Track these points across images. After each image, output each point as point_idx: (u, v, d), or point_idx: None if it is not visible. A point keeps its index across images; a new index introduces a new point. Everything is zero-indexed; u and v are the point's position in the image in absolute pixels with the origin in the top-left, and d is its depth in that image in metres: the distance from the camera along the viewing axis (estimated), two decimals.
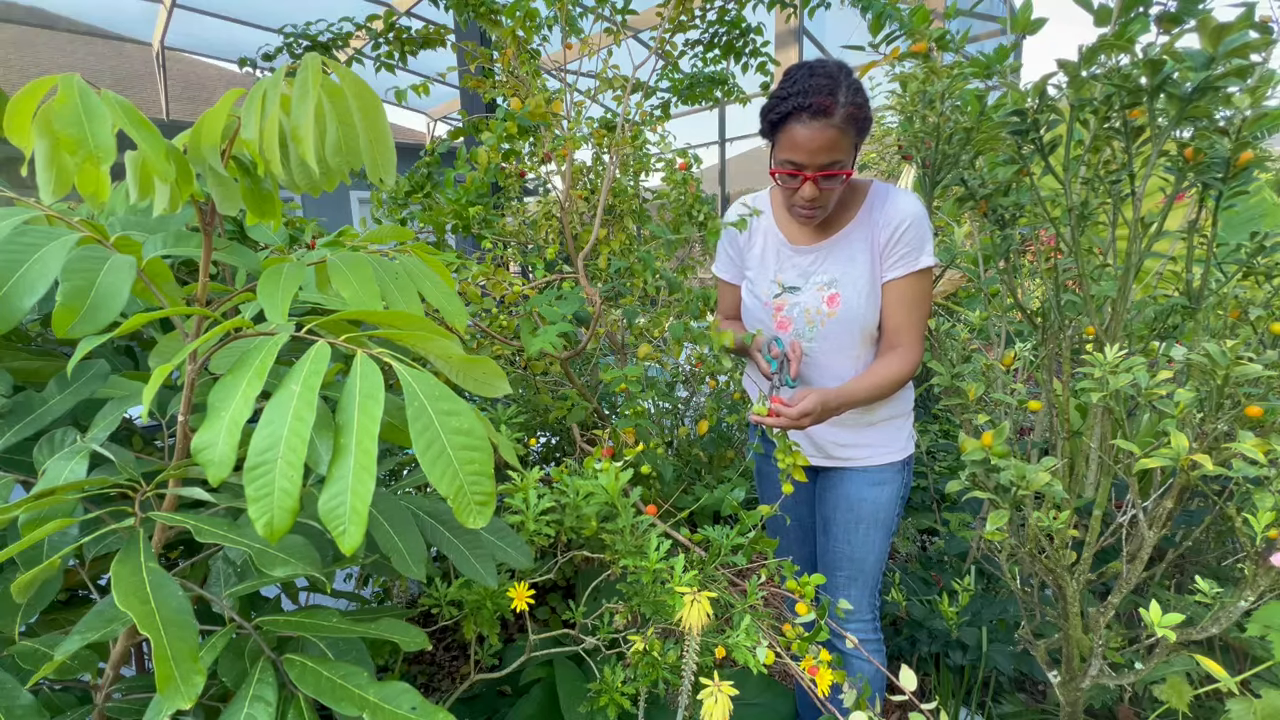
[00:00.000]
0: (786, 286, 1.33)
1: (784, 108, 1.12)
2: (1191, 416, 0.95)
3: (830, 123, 1.10)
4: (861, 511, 1.35)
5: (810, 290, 1.30)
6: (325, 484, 0.55)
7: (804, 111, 1.10)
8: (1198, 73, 0.87)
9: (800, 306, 1.31)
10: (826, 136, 1.10)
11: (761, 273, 1.37)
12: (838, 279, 1.28)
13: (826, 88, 1.09)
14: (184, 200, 0.59)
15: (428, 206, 1.77)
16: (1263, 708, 0.84)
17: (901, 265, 1.23)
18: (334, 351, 0.57)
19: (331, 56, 2.16)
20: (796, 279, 1.32)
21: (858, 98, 1.11)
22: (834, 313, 1.28)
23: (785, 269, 1.34)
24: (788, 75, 1.16)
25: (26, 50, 9.53)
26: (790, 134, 1.13)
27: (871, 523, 1.34)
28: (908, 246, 1.22)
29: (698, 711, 0.86)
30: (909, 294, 1.24)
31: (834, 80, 1.10)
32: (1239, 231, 1.97)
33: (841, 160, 1.14)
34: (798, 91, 1.10)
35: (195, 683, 0.52)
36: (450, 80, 2.24)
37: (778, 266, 1.35)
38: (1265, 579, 0.90)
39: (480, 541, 0.92)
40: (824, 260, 1.29)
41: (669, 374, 2.15)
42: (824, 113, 1.09)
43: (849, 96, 1.10)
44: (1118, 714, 1.37)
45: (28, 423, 0.81)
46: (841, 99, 1.09)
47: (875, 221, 1.25)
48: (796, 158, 1.14)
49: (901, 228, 1.22)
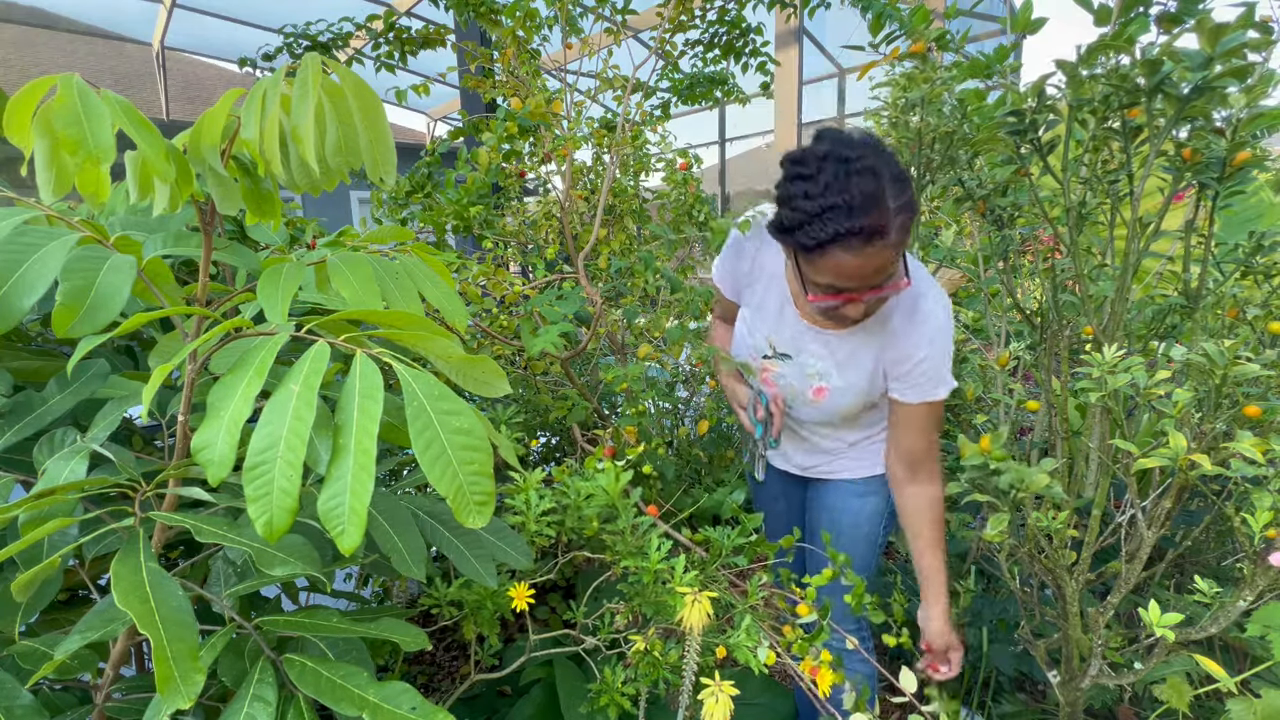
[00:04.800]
0: (778, 351, 1.20)
1: (822, 233, 0.86)
2: (1190, 416, 0.95)
3: (885, 242, 0.86)
4: (842, 522, 1.32)
5: (800, 371, 1.18)
6: (324, 484, 0.55)
7: (853, 238, 0.85)
8: (1195, 73, 0.87)
9: (787, 379, 1.20)
10: (881, 259, 0.88)
11: (758, 319, 1.21)
12: (830, 375, 1.15)
13: (872, 197, 0.84)
14: (184, 200, 0.59)
15: (428, 206, 1.77)
16: (1263, 708, 0.84)
17: (915, 393, 1.09)
18: (334, 351, 0.58)
19: (331, 56, 2.16)
20: (791, 346, 1.18)
21: (904, 188, 0.88)
22: (819, 402, 1.18)
23: (783, 329, 1.18)
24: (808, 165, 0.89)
25: (26, 50, 9.53)
26: (833, 261, 0.89)
27: (852, 534, 1.31)
28: (924, 378, 1.07)
29: (698, 712, 0.86)
30: (927, 419, 1.10)
31: (876, 179, 0.85)
32: (1238, 231, 1.97)
33: (896, 270, 0.94)
34: (837, 207, 0.85)
35: (195, 682, 0.52)
36: (450, 80, 2.24)
37: (777, 322, 1.18)
38: (1264, 578, 0.90)
39: (480, 541, 0.92)
40: (823, 348, 1.15)
41: (669, 374, 2.15)
42: (879, 235, 0.85)
43: (898, 195, 0.86)
44: (1118, 714, 1.37)
45: (28, 422, 0.81)
46: (891, 205, 0.86)
47: (893, 334, 1.07)
48: (843, 284, 0.93)
49: (919, 359, 1.05)
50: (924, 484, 1.14)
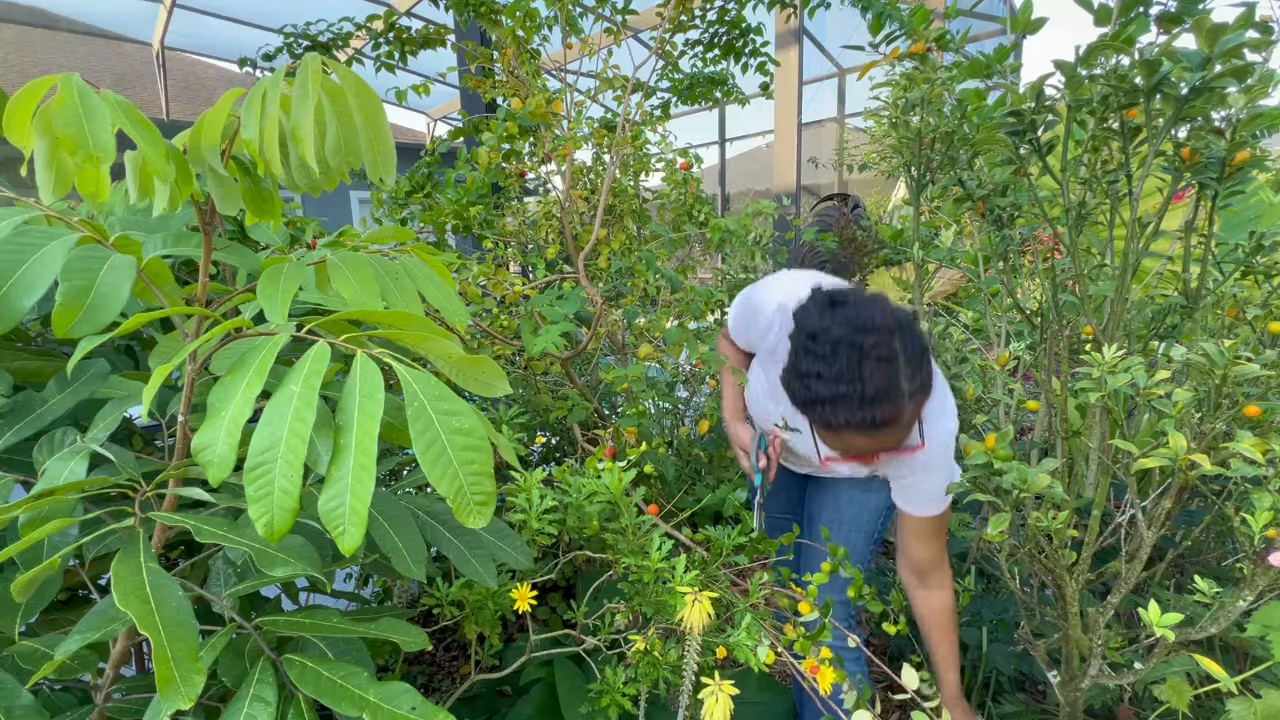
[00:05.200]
0: (790, 426, 1.21)
1: (834, 419, 0.86)
2: (1190, 416, 0.95)
3: (897, 427, 0.87)
4: (846, 512, 1.33)
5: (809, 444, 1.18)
6: (325, 484, 0.55)
7: (865, 425, 0.86)
8: (1193, 73, 0.87)
9: (797, 444, 1.24)
10: (893, 439, 0.89)
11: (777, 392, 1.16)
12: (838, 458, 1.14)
13: (886, 387, 0.83)
14: (184, 200, 0.59)
15: (428, 206, 1.77)
16: (1263, 708, 0.84)
17: (913, 507, 1.12)
18: (334, 351, 0.58)
19: (331, 56, 2.16)
20: (802, 423, 1.17)
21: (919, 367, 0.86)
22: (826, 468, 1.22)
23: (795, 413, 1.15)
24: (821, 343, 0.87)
25: (26, 50, 9.53)
26: (846, 440, 0.91)
27: (854, 524, 1.32)
28: (920, 496, 1.10)
29: (698, 711, 0.86)
30: (928, 529, 1.12)
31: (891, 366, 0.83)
32: (1238, 231, 1.97)
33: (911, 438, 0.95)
34: (849, 396, 0.84)
35: (195, 683, 0.52)
36: (450, 80, 2.24)
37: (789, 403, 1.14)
38: (1264, 578, 0.90)
39: (480, 542, 0.92)
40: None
41: (669, 374, 2.15)
42: (890, 423, 0.86)
43: (913, 377, 0.85)
44: (1118, 714, 1.37)
45: (28, 423, 0.81)
46: (905, 389, 0.84)
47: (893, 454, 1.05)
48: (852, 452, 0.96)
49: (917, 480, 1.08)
50: (934, 589, 1.16)
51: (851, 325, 0.86)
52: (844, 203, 4.72)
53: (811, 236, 2.52)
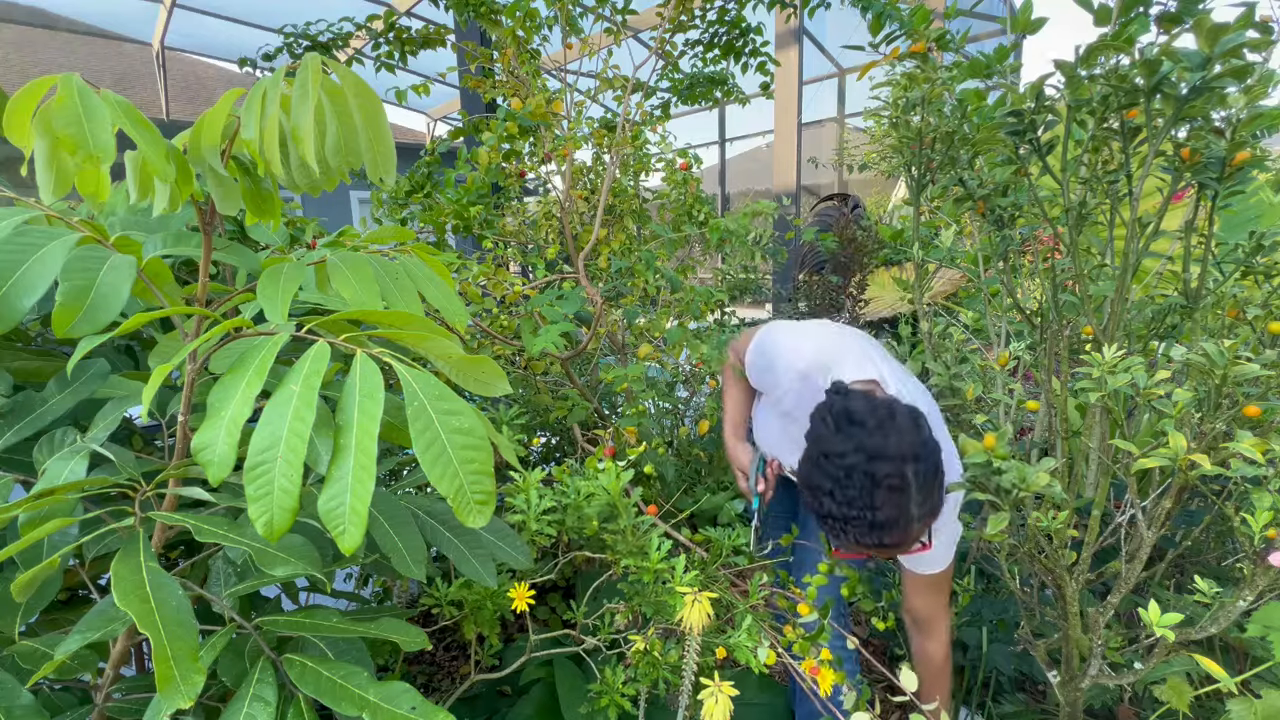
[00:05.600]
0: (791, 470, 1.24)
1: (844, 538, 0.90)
2: (1190, 416, 0.95)
3: (905, 544, 0.90)
4: None
5: None
6: (325, 484, 0.55)
7: (872, 546, 0.89)
8: (1193, 73, 0.87)
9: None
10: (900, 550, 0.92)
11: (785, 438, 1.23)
12: None
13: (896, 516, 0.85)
14: (184, 200, 0.59)
15: (428, 206, 1.77)
16: (1263, 708, 0.85)
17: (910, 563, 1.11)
18: (334, 351, 0.58)
19: (331, 56, 2.16)
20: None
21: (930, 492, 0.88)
22: None
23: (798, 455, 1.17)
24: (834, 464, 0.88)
25: (26, 50, 9.53)
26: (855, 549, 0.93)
27: None
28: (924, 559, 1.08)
29: (698, 712, 0.86)
30: (931, 584, 1.12)
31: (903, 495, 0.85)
32: (1238, 231, 1.97)
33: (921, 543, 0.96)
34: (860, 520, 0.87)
35: (195, 682, 0.52)
36: (450, 80, 2.24)
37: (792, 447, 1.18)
38: (1264, 578, 0.90)
39: (480, 541, 0.92)
40: None
41: (669, 374, 2.15)
42: (896, 545, 0.89)
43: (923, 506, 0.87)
44: (1118, 714, 1.37)
45: (28, 422, 0.81)
46: (914, 513, 0.86)
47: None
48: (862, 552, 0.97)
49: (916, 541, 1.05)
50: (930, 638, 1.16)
51: (866, 453, 0.87)
52: (844, 203, 4.73)
53: (811, 236, 2.52)
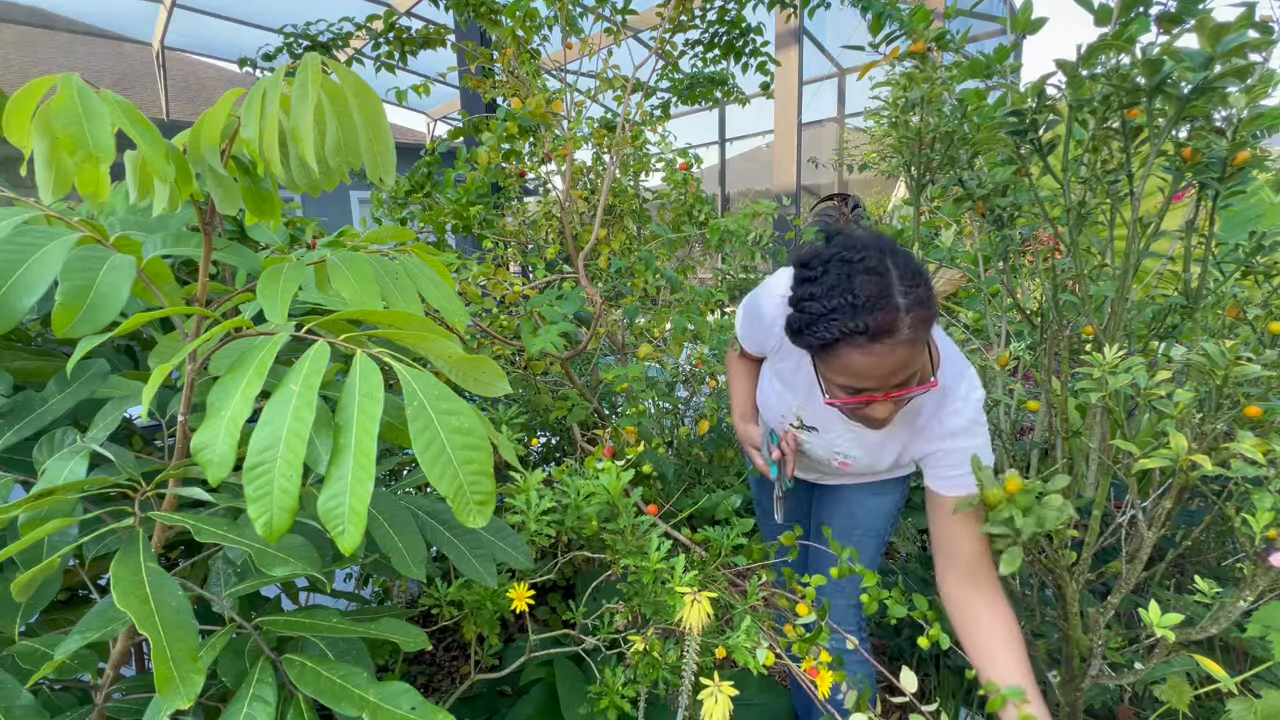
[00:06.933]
0: (806, 425, 1.19)
1: (828, 333, 0.85)
2: (1190, 417, 0.95)
3: (896, 340, 0.83)
4: (859, 518, 1.32)
5: (827, 446, 1.19)
6: (324, 484, 0.55)
7: (859, 336, 0.83)
8: (1196, 73, 0.87)
9: (813, 447, 1.21)
10: (895, 358, 0.84)
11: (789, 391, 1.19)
12: (858, 458, 1.16)
13: (878, 295, 0.82)
14: (184, 200, 0.59)
15: (428, 206, 1.77)
16: (1263, 708, 0.84)
17: (951, 486, 1.01)
18: (333, 351, 0.57)
19: (331, 56, 2.16)
20: (820, 422, 1.16)
21: (916, 288, 0.84)
22: (843, 470, 1.21)
23: (813, 405, 1.14)
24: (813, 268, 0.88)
25: (26, 50, 9.53)
26: (844, 361, 0.87)
27: (866, 530, 1.31)
28: (956, 471, 1.00)
29: (697, 712, 0.86)
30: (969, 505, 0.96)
31: (883, 278, 0.83)
32: (1238, 231, 1.97)
33: (920, 369, 0.89)
34: (842, 307, 0.83)
35: (194, 683, 0.52)
36: (450, 80, 2.24)
37: (808, 399, 1.15)
38: (1264, 579, 0.90)
39: (480, 541, 0.92)
40: (850, 433, 1.13)
41: (669, 374, 2.15)
42: (887, 333, 0.82)
43: (909, 295, 0.83)
44: (1118, 714, 1.37)
45: (28, 422, 0.81)
46: (901, 302, 0.82)
47: (921, 430, 1.04)
48: (859, 384, 0.89)
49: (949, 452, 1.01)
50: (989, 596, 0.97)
51: (840, 245, 0.87)
52: (844, 203, 4.72)
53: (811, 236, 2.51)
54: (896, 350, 0.84)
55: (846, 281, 0.83)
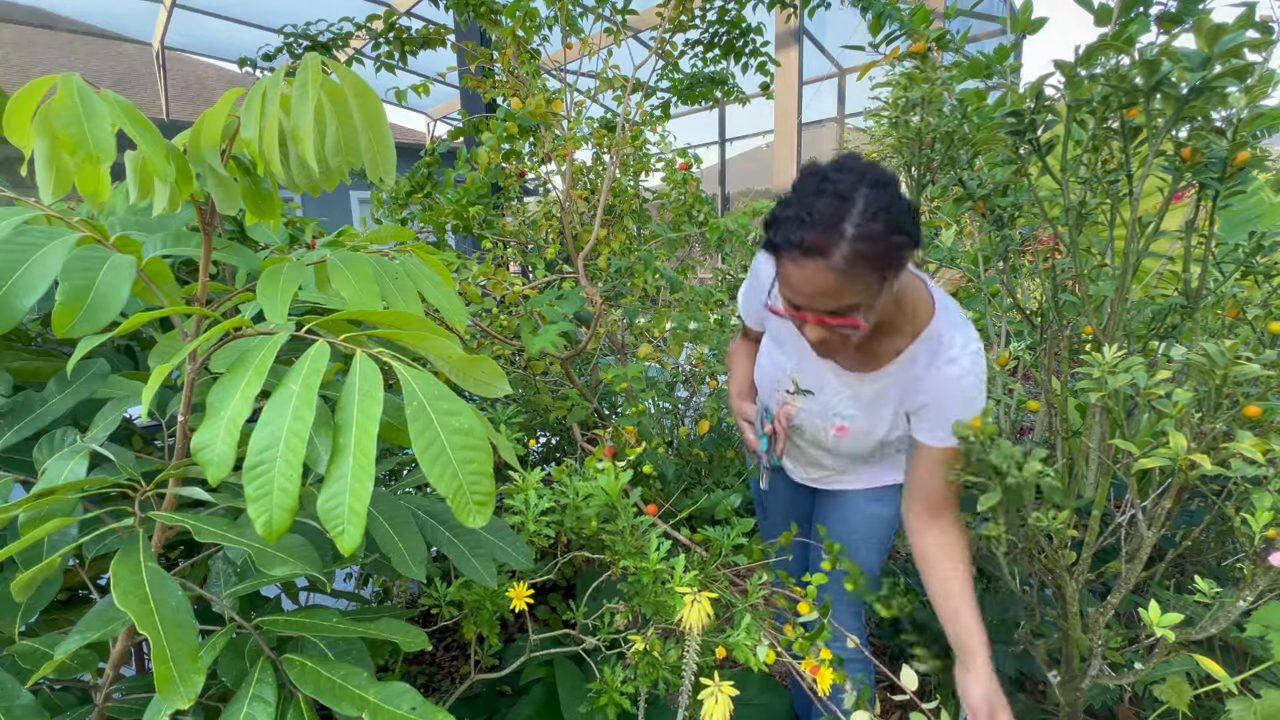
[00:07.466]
0: (801, 389, 1.17)
1: (775, 238, 0.87)
2: (1190, 416, 0.95)
3: (827, 264, 0.84)
4: (855, 525, 1.30)
5: (823, 409, 1.16)
6: (324, 484, 0.55)
7: (794, 249, 0.85)
8: (1194, 73, 0.87)
9: (809, 415, 1.18)
10: (824, 281, 0.86)
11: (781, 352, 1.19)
12: (854, 417, 1.13)
13: (828, 217, 0.83)
14: (184, 200, 0.59)
15: (428, 206, 1.78)
16: (1263, 708, 0.85)
17: (936, 438, 1.03)
18: (333, 351, 0.58)
19: (331, 56, 2.16)
20: (814, 383, 1.15)
21: (875, 226, 0.83)
22: (841, 439, 1.17)
23: (806, 365, 1.14)
24: (797, 180, 0.91)
25: (26, 50, 9.53)
26: (784, 268, 0.89)
27: (864, 538, 1.29)
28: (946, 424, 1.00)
29: (698, 712, 0.86)
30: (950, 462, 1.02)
31: (843, 204, 0.83)
32: (1238, 231, 1.97)
33: (853, 306, 0.89)
34: (792, 218, 0.85)
35: (194, 683, 0.52)
36: (450, 80, 2.24)
37: (799, 358, 1.15)
38: (1264, 579, 0.90)
39: (480, 541, 0.92)
40: (846, 388, 1.12)
41: (669, 374, 2.15)
42: (818, 253, 0.84)
43: (861, 228, 0.83)
44: (1118, 714, 1.37)
45: (28, 422, 0.81)
46: (848, 231, 0.82)
47: (916, 379, 1.03)
48: (792, 297, 0.91)
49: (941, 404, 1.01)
50: (948, 531, 1.04)
51: (834, 165, 0.88)
52: None
53: None
54: (826, 274, 0.85)
55: (811, 197, 0.86)
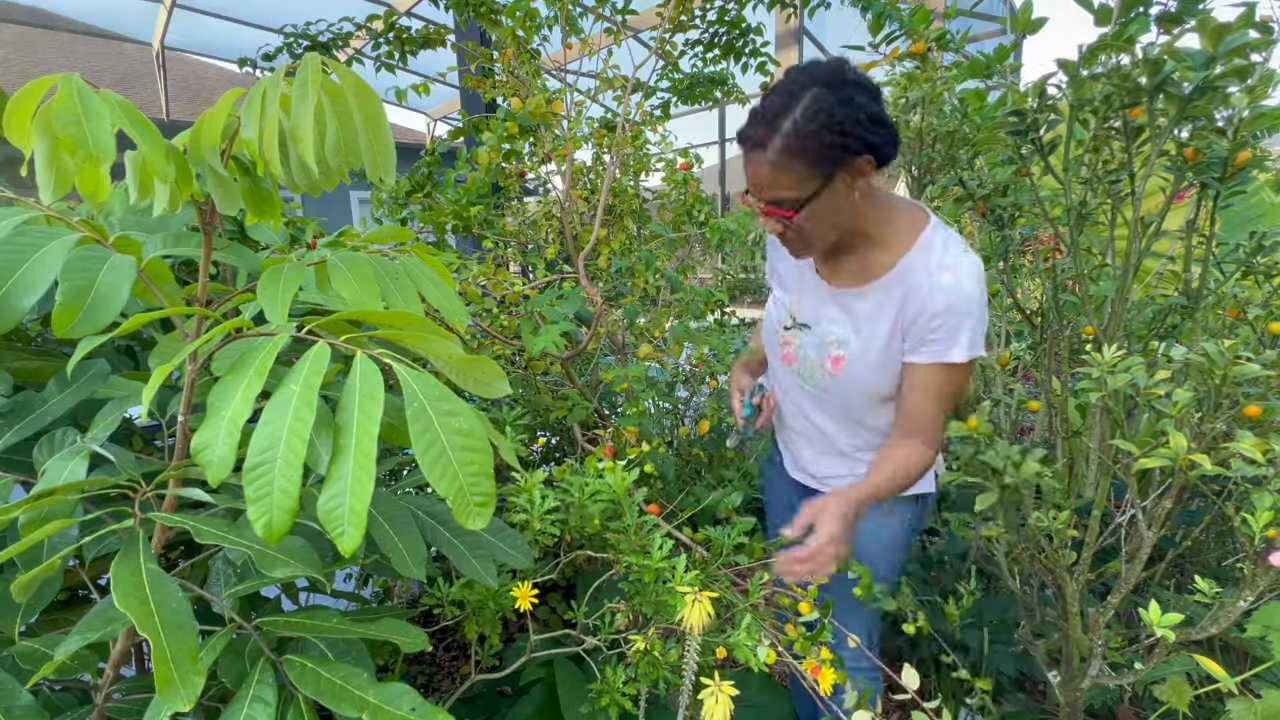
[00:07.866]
0: (799, 321, 1.17)
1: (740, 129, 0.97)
2: (1190, 416, 0.95)
3: (764, 157, 0.93)
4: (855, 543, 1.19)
5: (819, 341, 1.14)
6: (324, 485, 0.55)
7: (743, 140, 0.95)
8: (1197, 73, 0.87)
9: (805, 350, 1.16)
10: (761, 173, 0.94)
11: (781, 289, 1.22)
12: (848, 341, 1.10)
13: (771, 113, 0.91)
14: (184, 200, 0.59)
15: (428, 206, 1.77)
16: (1263, 708, 0.84)
17: (926, 353, 1.02)
18: (334, 352, 0.57)
19: (331, 56, 2.16)
20: (811, 314, 1.15)
21: (810, 125, 0.89)
22: (837, 375, 1.12)
23: (805, 297, 1.16)
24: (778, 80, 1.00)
25: (26, 50, 9.53)
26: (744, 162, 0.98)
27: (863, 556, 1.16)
28: (937, 335, 1.00)
29: (698, 712, 0.86)
30: (934, 383, 1.03)
31: (789, 100, 0.90)
32: (1238, 231, 1.97)
33: (783, 198, 0.95)
34: (751, 111, 0.95)
35: (194, 684, 0.52)
36: (450, 80, 2.24)
37: (798, 289, 1.17)
38: (1264, 579, 0.90)
39: (481, 542, 0.92)
40: (842, 312, 1.11)
41: (669, 374, 2.15)
42: (757, 145, 0.93)
43: (797, 125, 0.89)
44: (1118, 714, 1.37)
45: (28, 423, 0.80)
46: (784, 127, 0.90)
47: (909, 288, 1.02)
48: (750, 188, 0.99)
49: (934, 314, 0.99)
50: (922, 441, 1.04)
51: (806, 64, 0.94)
52: None
53: None
54: (762, 166, 0.94)
55: (771, 96, 0.93)
